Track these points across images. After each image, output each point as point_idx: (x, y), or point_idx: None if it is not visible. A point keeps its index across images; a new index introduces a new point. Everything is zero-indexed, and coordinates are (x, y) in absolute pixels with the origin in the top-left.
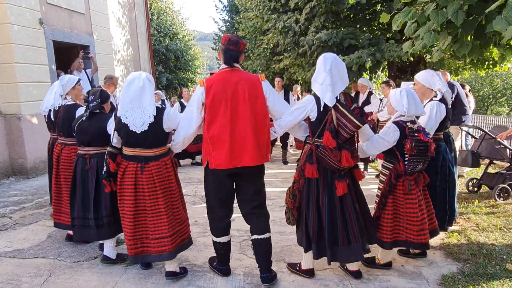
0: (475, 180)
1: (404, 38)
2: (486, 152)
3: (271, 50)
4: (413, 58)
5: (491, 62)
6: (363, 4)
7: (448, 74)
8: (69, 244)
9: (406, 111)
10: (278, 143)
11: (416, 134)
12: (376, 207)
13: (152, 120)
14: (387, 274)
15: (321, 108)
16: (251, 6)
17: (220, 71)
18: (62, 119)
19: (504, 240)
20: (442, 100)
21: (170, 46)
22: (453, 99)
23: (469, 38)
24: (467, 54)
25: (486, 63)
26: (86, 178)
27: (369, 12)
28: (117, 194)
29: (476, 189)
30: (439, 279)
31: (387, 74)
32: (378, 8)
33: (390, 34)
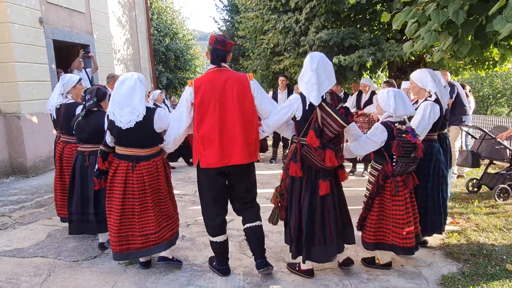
0: (475, 181)
1: (404, 38)
2: (486, 153)
3: (271, 50)
4: (413, 58)
5: (491, 62)
6: (363, 4)
7: (449, 74)
8: (68, 243)
9: (393, 112)
10: (280, 143)
11: (404, 135)
12: (363, 208)
13: (141, 119)
14: (387, 274)
15: (306, 107)
16: (251, 5)
17: (208, 71)
18: (63, 118)
19: (504, 240)
20: (437, 100)
21: (170, 45)
22: (453, 99)
23: (469, 38)
24: (467, 54)
25: (486, 63)
26: (85, 174)
27: (369, 12)
28: (106, 191)
29: (476, 189)
30: (439, 279)
31: (387, 74)
32: (378, 8)
33: (390, 34)
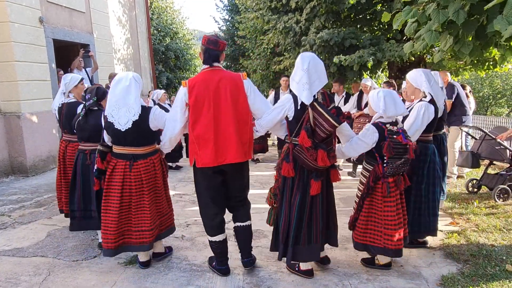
0: (475, 181)
1: (404, 38)
2: (486, 153)
3: (271, 50)
4: (413, 58)
5: (491, 63)
6: (363, 4)
7: (449, 75)
8: (68, 243)
9: (383, 113)
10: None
11: (395, 136)
12: (355, 208)
13: (137, 118)
14: (386, 275)
15: (298, 107)
16: (251, 5)
17: (201, 71)
18: (65, 117)
19: (503, 241)
20: (432, 101)
21: (170, 45)
22: (453, 100)
23: (470, 38)
24: (469, 54)
25: (486, 64)
26: (87, 172)
27: (369, 12)
28: (103, 190)
29: (476, 189)
30: (438, 279)
31: (388, 74)
32: (379, 8)
33: (391, 34)
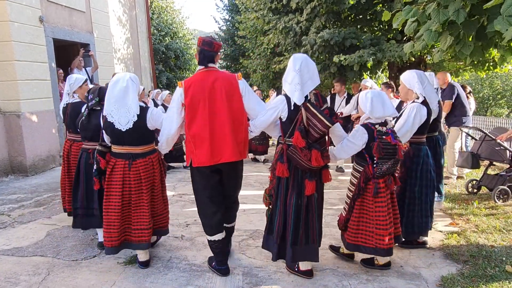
0: (474, 182)
1: (405, 38)
2: (486, 154)
3: (271, 50)
4: (413, 59)
5: (491, 64)
6: (363, 4)
7: (449, 75)
8: (68, 242)
9: (369, 114)
10: None
11: (384, 137)
12: (347, 209)
13: (136, 119)
14: (386, 275)
15: (291, 107)
16: (251, 5)
17: (196, 72)
18: (69, 117)
19: (503, 241)
20: (425, 102)
21: (170, 45)
22: (453, 100)
23: (470, 39)
24: (469, 55)
25: (487, 65)
26: (90, 171)
27: (370, 12)
28: (104, 189)
29: (475, 190)
30: (438, 280)
31: (388, 74)
32: (379, 8)
33: (391, 34)
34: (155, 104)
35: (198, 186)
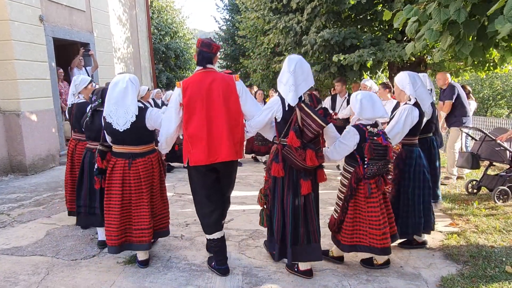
0: (474, 182)
1: (405, 38)
2: (486, 154)
3: (271, 49)
4: (414, 59)
5: (492, 64)
6: (364, 4)
7: (449, 76)
8: (67, 242)
9: (358, 115)
10: None
11: (375, 138)
12: (340, 210)
13: (134, 119)
14: (386, 275)
15: (286, 108)
16: (252, 5)
17: (195, 72)
18: (74, 117)
19: (503, 242)
20: (416, 104)
21: (170, 44)
22: (453, 101)
23: (470, 39)
24: (470, 55)
25: (487, 65)
26: (93, 170)
27: (370, 12)
28: (104, 189)
29: (475, 190)
30: (438, 280)
31: (388, 74)
32: (379, 8)
33: (391, 34)
34: (155, 103)
35: (195, 186)
